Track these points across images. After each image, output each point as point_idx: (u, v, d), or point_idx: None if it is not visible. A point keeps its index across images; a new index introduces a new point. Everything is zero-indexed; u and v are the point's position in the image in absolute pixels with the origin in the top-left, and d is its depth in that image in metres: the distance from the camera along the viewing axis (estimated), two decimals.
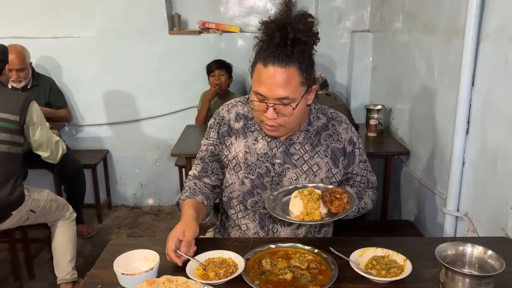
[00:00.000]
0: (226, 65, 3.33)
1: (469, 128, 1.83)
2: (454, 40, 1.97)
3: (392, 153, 2.63)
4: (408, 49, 2.59)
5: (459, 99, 1.82)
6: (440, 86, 2.14)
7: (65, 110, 3.46)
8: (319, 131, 1.51)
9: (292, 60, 1.29)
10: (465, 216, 1.86)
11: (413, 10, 2.53)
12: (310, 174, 1.48)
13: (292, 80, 1.30)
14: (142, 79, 3.63)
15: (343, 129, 1.52)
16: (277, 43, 1.29)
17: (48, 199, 2.48)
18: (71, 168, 3.18)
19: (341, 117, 1.55)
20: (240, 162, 1.50)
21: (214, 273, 1.21)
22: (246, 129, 1.51)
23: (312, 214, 1.33)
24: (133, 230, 3.47)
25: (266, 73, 1.30)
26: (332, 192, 1.38)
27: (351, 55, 3.48)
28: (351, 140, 1.52)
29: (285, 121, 1.36)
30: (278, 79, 1.29)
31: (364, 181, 1.58)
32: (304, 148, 1.49)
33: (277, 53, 1.28)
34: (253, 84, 1.36)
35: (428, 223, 2.29)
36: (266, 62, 1.30)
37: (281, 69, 1.28)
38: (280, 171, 1.48)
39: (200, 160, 1.58)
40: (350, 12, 3.45)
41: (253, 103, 1.37)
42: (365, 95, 3.45)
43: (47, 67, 3.58)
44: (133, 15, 3.49)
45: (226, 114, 1.54)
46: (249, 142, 1.50)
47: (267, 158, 1.48)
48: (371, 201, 1.58)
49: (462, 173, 1.88)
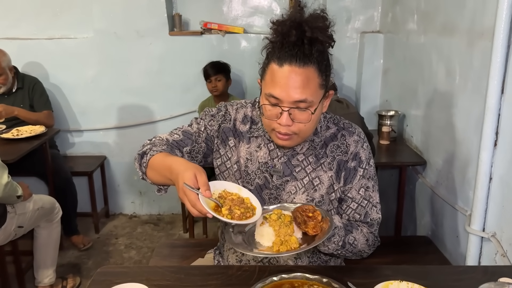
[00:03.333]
0: (223, 68, 3.13)
1: (497, 140, 1.65)
2: (479, 43, 1.80)
3: (408, 163, 2.45)
4: (424, 52, 2.42)
5: (487, 108, 1.64)
6: (461, 92, 1.96)
7: (44, 114, 3.11)
8: (327, 142, 1.34)
9: (311, 59, 1.14)
10: (493, 237, 1.68)
11: (430, 10, 2.36)
12: (309, 189, 1.32)
13: (311, 82, 1.15)
14: (141, 82, 3.46)
15: (353, 141, 1.33)
16: (293, 42, 1.14)
17: (35, 208, 2.35)
18: (60, 179, 3.03)
19: (355, 129, 1.36)
20: (240, 169, 1.35)
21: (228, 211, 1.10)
22: (250, 134, 1.36)
23: (288, 242, 1.14)
24: (131, 241, 3.31)
25: (281, 73, 1.15)
26: (302, 211, 1.19)
27: (361, 57, 3.30)
28: (357, 156, 1.32)
29: (300, 128, 1.20)
30: (295, 80, 1.14)
31: (361, 213, 1.33)
32: (308, 160, 1.33)
33: (294, 52, 1.13)
34: (265, 86, 1.20)
35: (447, 241, 2.11)
36: (281, 61, 1.15)
37: (299, 68, 1.13)
38: (278, 183, 1.33)
39: (182, 132, 1.37)
40: (359, 12, 3.29)
41: (265, 107, 1.21)
42: (375, 100, 3.28)
43: (42, 69, 3.42)
44: (132, 16, 3.33)
45: (234, 112, 1.39)
46: (251, 149, 1.35)
47: (267, 168, 1.33)
48: (364, 240, 1.31)
49: (489, 190, 1.70)
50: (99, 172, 3.54)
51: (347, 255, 1.34)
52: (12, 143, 2.77)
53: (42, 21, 3.38)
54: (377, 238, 1.38)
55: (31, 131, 2.90)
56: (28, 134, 2.85)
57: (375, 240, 1.37)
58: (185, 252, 2.01)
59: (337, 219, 1.30)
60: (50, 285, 2.56)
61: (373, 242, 1.36)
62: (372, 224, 1.36)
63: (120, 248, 3.20)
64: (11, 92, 3.10)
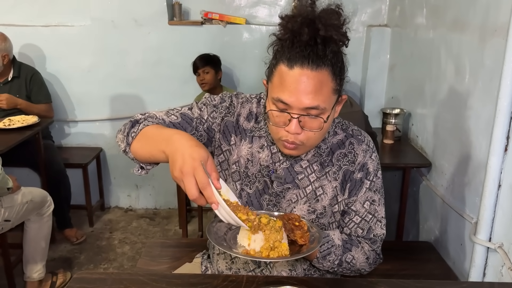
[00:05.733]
0: (211, 60, 3.01)
1: (508, 145, 1.54)
2: (492, 40, 1.68)
3: (412, 164, 2.34)
4: (432, 48, 2.29)
5: (498, 110, 1.53)
6: (471, 92, 1.85)
7: (44, 106, 3.10)
8: (333, 149, 1.23)
9: (324, 61, 1.02)
10: (500, 249, 1.58)
11: (440, 4, 2.24)
12: (312, 198, 1.21)
13: (324, 86, 1.03)
14: (139, 72, 3.35)
15: (362, 150, 1.22)
16: (305, 41, 1.02)
17: (23, 201, 2.27)
18: (53, 171, 2.95)
19: (364, 137, 1.25)
20: (240, 171, 1.24)
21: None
22: (253, 133, 1.23)
23: (279, 248, 1.04)
24: (126, 236, 3.23)
25: (292, 77, 1.02)
26: (289, 219, 1.10)
27: (367, 51, 3.18)
28: (365, 167, 1.22)
29: (309, 137, 1.08)
30: (307, 85, 1.02)
31: (364, 228, 1.24)
32: (312, 167, 1.22)
33: (306, 53, 1.01)
34: (273, 89, 1.07)
35: (451, 248, 2.01)
36: (292, 63, 1.02)
37: (311, 72, 1.01)
38: (279, 190, 1.22)
39: (181, 114, 1.21)
40: (366, 4, 3.16)
41: (272, 113, 1.08)
42: (381, 97, 3.16)
43: (37, 57, 3.33)
44: (130, 4, 3.21)
45: (239, 106, 1.25)
46: (253, 149, 1.23)
47: (268, 172, 1.22)
48: (364, 258, 1.23)
49: (498, 197, 1.60)
50: (94, 164, 3.46)
51: (344, 272, 1.25)
52: (4, 133, 2.68)
53: (38, 8, 3.27)
54: (379, 255, 1.27)
55: (24, 121, 2.81)
56: (20, 124, 2.76)
57: (376, 258, 1.27)
58: (175, 253, 1.93)
59: (337, 236, 1.20)
60: (39, 281, 2.50)
61: (374, 260, 1.26)
62: (375, 241, 1.25)
63: (113, 243, 3.13)
64: (7, 81, 3.02)
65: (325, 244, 1.19)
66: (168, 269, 1.75)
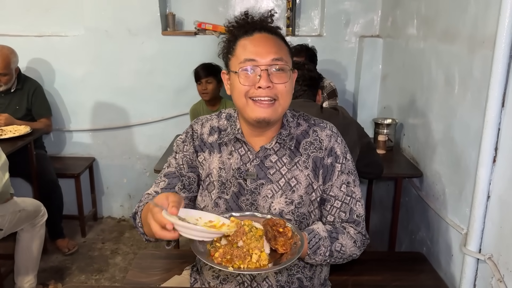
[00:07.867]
0: (215, 70, 2.99)
1: (496, 156, 1.54)
2: (480, 52, 1.69)
3: (404, 175, 2.34)
4: (423, 58, 2.31)
5: (486, 121, 1.54)
6: (461, 103, 1.86)
7: (44, 121, 3.15)
8: (299, 139, 1.29)
9: (276, 31, 1.24)
10: (489, 260, 1.57)
11: (431, 14, 2.25)
12: (287, 190, 1.25)
13: (281, 45, 1.22)
14: (133, 82, 3.36)
15: (326, 135, 1.29)
16: (257, 21, 1.23)
17: (16, 210, 2.26)
18: (45, 180, 2.93)
19: (326, 123, 1.34)
20: (214, 180, 1.29)
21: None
22: (220, 141, 1.31)
23: (258, 258, 1.05)
24: (118, 246, 3.21)
25: (254, 39, 1.20)
26: (273, 224, 1.10)
27: (359, 62, 3.20)
28: (333, 151, 1.28)
29: (280, 91, 1.18)
30: (268, 42, 1.20)
31: (345, 210, 1.29)
32: (282, 161, 1.27)
33: (260, 25, 1.22)
34: (238, 57, 1.20)
35: (442, 259, 2.00)
36: (250, 31, 1.21)
37: (269, 35, 1.22)
38: (253, 187, 1.26)
39: (165, 176, 1.34)
40: (358, 15, 3.18)
41: (240, 75, 1.18)
42: (373, 107, 3.17)
43: (31, 67, 3.33)
44: (124, 14, 3.23)
45: (199, 128, 1.35)
46: (223, 157, 1.29)
47: (240, 174, 1.27)
48: (352, 242, 1.27)
49: (487, 208, 1.59)
50: (87, 173, 3.45)
51: (337, 261, 1.28)
52: None
53: (32, 18, 3.28)
54: (365, 236, 1.32)
55: (15, 131, 2.80)
56: (12, 134, 2.76)
57: (363, 240, 1.31)
58: (166, 265, 1.91)
59: (321, 228, 1.24)
60: None
61: (362, 242, 1.30)
62: (359, 222, 1.30)
63: (105, 254, 3.10)
64: (9, 91, 3.03)
65: (312, 239, 1.22)
66: (158, 281, 1.74)
